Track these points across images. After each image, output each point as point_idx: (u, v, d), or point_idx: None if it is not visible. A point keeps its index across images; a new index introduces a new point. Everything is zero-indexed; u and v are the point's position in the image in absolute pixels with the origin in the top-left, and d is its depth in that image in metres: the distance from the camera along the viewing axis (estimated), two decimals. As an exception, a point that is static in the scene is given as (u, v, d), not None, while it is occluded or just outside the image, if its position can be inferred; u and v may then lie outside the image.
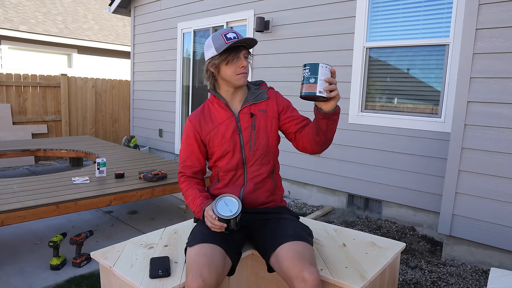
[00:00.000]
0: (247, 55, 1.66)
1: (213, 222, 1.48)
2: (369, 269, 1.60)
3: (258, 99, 1.74)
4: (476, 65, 2.74)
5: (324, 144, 1.61)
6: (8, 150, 4.48)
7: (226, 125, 1.70)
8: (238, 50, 1.62)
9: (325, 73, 1.37)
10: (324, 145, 1.62)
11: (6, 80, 6.01)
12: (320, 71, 1.36)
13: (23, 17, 9.53)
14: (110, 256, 1.67)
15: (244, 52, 1.64)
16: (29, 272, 2.56)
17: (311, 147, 1.65)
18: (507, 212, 2.67)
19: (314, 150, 1.66)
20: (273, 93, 1.79)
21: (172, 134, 6.35)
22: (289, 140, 1.77)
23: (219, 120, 1.72)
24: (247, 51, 1.66)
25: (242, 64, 1.62)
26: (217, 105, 1.74)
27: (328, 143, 1.62)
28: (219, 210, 1.49)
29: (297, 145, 1.72)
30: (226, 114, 1.72)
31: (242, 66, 1.62)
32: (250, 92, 1.76)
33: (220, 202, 1.52)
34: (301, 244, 1.49)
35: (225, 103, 1.71)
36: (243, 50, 1.63)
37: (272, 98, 1.77)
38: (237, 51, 1.62)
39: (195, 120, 1.74)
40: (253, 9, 4.85)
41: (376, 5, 3.76)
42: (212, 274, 1.37)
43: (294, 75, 4.46)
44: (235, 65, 1.63)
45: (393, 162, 3.71)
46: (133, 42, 7.11)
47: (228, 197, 1.55)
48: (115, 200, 2.94)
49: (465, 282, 2.62)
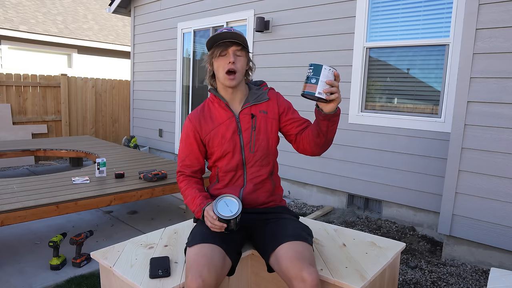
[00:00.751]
0: (240, 52, 1.63)
1: (213, 222, 1.48)
2: (369, 269, 1.60)
3: (259, 100, 1.73)
4: (476, 65, 2.74)
5: (324, 145, 1.61)
6: (8, 150, 4.48)
7: (227, 125, 1.69)
8: (226, 45, 1.60)
9: (327, 75, 1.37)
10: (324, 147, 1.62)
11: (6, 80, 6.01)
12: (323, 72, 1.37)
13: (23, 17, 9.53)
14: (110, 256, 1.67)
15: (234, 48, 1.61)
16: (29, 272, 2.56)
17: (311, 149, 1.65)
18: (507, 212, 2.67)
19: (314, 152, 1.66)
20: (274, 94, 1.78)
21: (172, 134, 6.35)
22: (289, 141, 1.77)
23: (219, 120, 1.71)
24: (241, 48, 1.63)
25: (229, 59, 1.59)
26: (218, 105, 1.73)
27: (328, 145, 1.62)
28: (219, 211, 1.49)
29: (297, 147, 1.72)
30: (227, 115, 1.71)
31: (229, 62, 1.60)
32: (251, 93, 1.75)
33: (220, 202, 1.52)
34: (300, 244, 1.49)
35: (226, 103, 1.70)
36: (233, 46, 1.61)
37: (273, 99, 1.76)
38: (225, 46, 1.60)
39: (195, 119, 1.73)
40: (253, 9, 4.85)
41: (376, 5, 3.76)
42: (211, 274, 1.37)
43: (294, 75, 4.46)
44: (223, 60, 1.61)
45: (393, 162, 3.71)
46: (133, 42, 7.11)
47: (228, 198, 1.55)
48: (115, 200, 2.94)
49: (465, 282, 2.62)
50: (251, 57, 1.78)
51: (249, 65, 1.72)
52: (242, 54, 1.64)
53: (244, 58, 1.65)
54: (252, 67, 1.74)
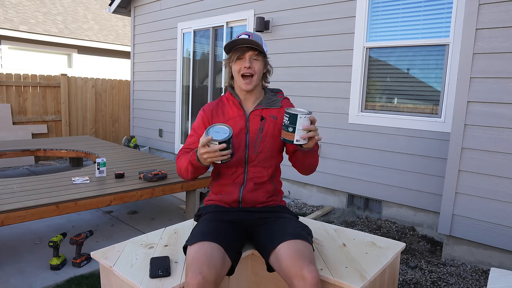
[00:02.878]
0: (257, 57, 1.68)
1: (212, 148, 1.45)
2: (369, 269, 1.60)
3: (272, 105, 1.78)
4: (476, 65, 2.74)
5: (305, 169, 1.73)
6: (8, 150, 4.48)
7: (236, 122, 1.74)
8: (243, 51, 1.66)
9: (303, 122, 1.45)
10: (305, 170, 1.73)
11: (6, 80, 6.01)
12: (298, 121, 1.45)
13: (23, 17, 9.53)
14: (110, 256, 1.67)
15: (251, 53, 1.66)
16: (29, 272, 2.56)
17: (298, 169, 1.76)
18: (507, 212, 2.67)
19: (300, 171, 1.77)
20: (287, 103, 1.83)
21: (172, 134, 6.35)
22: (286, 154, 1.84)
23: (230, 115, 1.76)
24: (257, 54, 1.68)
25: (245, 64, 1.65)
26: (232, 103, 1.79)
27: (310, 170, 1.73)
28: (214, 137, 1.46)
29: (290, 162, 1.80)
30: (238, 112, 1.76)
31: (244, 67, 1.66)
32: (266, 97, 1.80)
33: (210, 131, 1.49)
34: (300, 243, 1.50)
35: (239, 102, 1.76)
36: (249, 51, 1.66)
37: (284, 108, 1.79)
38: (242, 52, 1.66)
39: (209, 111, 1.79)
40: (253, 9, 4.85)
41: (376, 5, 3.77)
42: (211, 272, 1.37)
43: (294, 75, 4.46)
44: (239, 65, 1.68)
45: (393, 162, 3.71)
46: (133, 42, 7.12)
47: (217, 126, 1.52)
48: (115, 200, 2.94)
49: (465, 282, 2.62)
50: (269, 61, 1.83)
51: (266, 68, 1.77)
52: (259, 59, 1.69)
53: (260, 62, 1.71)
54: (270, 70, 1.80)
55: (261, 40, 1.69)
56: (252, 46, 1.66)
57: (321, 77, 4.21)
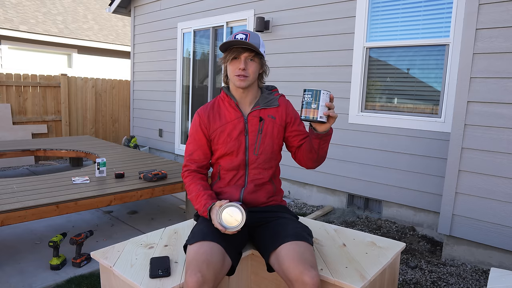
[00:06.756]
0: (253, 58, 1.64)
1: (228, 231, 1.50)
2: (369, 269, 1.60)
3: (269, 104, 1.76)
4: (476, 65, 2.74)
5: (317, 160, 1.68)
6: (8, 150, 4.48)
7: (234, 124, 1.71)
8: (239, 51, 1.62)
9: (325, 99, 1.46)
10: (316, 162, 1.69)
11: (6, 80, 6.01)
12: (322, 97, 1.45)
13: (23, 17, 9.53)
14: (110, 256, 1.67)
15: (247, 55, 1.63)
16: (29, 272, 2.56)
17: (305, 162, 1.73)
18: (507, 212, 2.67)
19: (307, 165, 1.73)
20: (284, 101, 1.81)
21: (172, 134, 6.35)
22: (288, 151, 1.82)
23: (228, 118, 1.73)
24: (254, 55, 1.64)
25: (240, 66, 1.62)
26: (228, 104, 1.75)
27: (321, 160, 1.69)
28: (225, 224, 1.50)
29: (294, 157, 1.79)
30: (236, 114, 1.73)
31: (239, 68, 1.62)
32: (262, 96, 1.77)
33: (223, 214, 1.51)
34: (302, 245, 1.50)
35: (236, 103, 1.73)
36: (245, 52, 1.62)
37: (282, 106, 1.78)
38: (238, 52, 1.62)
39: (204, 114, 1.75)
40: (253, 9, 4.85)
41: (376, 5, 3.76)
42: (210, 271, 1.37)
43: (294, 75, 4.46)
44: (234, 65, 1.65)
45: (393, 162, 3.71)
46: (133, 42, 7.11)
47: (230, 207, 1.52)
48: (115, 200, 2.94)
49: (465, 282, 2.62)
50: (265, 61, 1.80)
51: (262, 69, 1.74)
52: (255, 60, 1.66)
53: (256, 64, 1.67)
54: (266, 70, 1.76)
55: (258, 39, 1.65)
56: (248, 47, 1.62)
57: (321, 77, 4.21)
